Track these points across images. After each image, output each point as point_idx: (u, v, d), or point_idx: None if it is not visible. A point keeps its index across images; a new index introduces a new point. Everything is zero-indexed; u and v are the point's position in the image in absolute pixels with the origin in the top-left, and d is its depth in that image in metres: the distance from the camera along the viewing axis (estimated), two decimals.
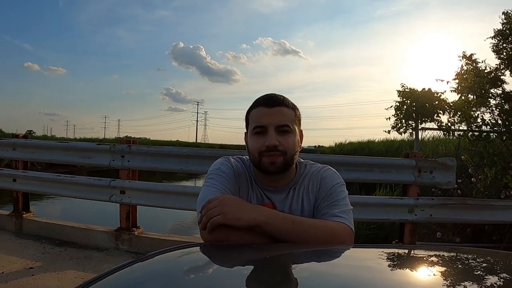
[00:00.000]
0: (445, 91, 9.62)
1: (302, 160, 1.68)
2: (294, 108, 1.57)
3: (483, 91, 6.94)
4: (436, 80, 8.26)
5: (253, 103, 1.58)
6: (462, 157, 6.53)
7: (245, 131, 1.63)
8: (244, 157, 1.68)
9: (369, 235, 5.70)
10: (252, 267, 1.17)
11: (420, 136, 11.63)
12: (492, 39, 7.21)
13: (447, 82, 7.85)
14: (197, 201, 1.50)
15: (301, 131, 1.61)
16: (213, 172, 1.57)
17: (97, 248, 4.70)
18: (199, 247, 1.35)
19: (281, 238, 1.35)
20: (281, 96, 1.57)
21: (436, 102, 11.63)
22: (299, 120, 1.59)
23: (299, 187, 1.59)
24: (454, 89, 7.71)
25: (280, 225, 1.35)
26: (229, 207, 1.33)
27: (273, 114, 1.50)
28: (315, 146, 52.94)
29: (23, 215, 5.26)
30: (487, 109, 7.03)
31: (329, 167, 1.67)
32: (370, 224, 5.73)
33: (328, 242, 1.40)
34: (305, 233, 1.37)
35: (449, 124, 7.88)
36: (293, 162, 1.56)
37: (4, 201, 8.95)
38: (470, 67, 7.46)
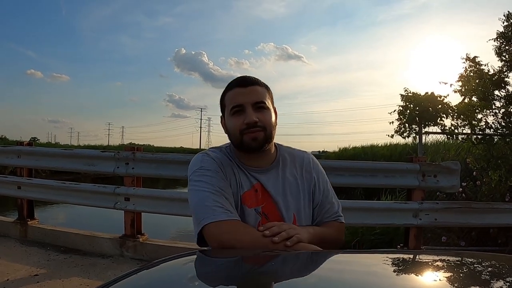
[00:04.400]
0: (448, 95, 9.62)
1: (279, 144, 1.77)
2: (266, 87, 1.64)
3: (486, 94, 6.93)
4: (440, 83, 8.28)
5: (227, 86, 1.64)
6: (467, 160, 6.52)
7: (220, 115, 1.69)
8: (220, 146, 1.72)
9: (373, 240, 5.69)
10: (258, 273, 1.17)
11: (423, 140, 11.62)
12: (494, 41, 7.21)
13: (451, 84, 7.86)
14: (190, 205, 1.54)
15: (275, 109, 1.66)
16: (198, 173, 1.57)
17: (102, 255, 4.70)
18: (204, 254, 1.35)
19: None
20: (253, 76, 1.63)
21: (439, 106, 11.62)
22: (272, 98, 1.65)
23: (283, 165, 1.66)
24: (457, 90, 7.71)
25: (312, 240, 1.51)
26: (297, 230, 1.48)
27: (248, 93, 1.56)
28: (319, 151, 52.85)
29: (28, 222, 5.26)
30: (490, 112, 7.02)
31: (307, 152, 1.82)
32: (374, 229, 5.71)
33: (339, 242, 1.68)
34: (326, 241, 1.57)
35: (452, 127, 7.87)
36: (273, 137, 1.61)
37: (8, 208, 8.97)
38: (473, 70, 7.46)
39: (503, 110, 6.88)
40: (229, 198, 1.52)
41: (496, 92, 7.09)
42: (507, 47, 7.09)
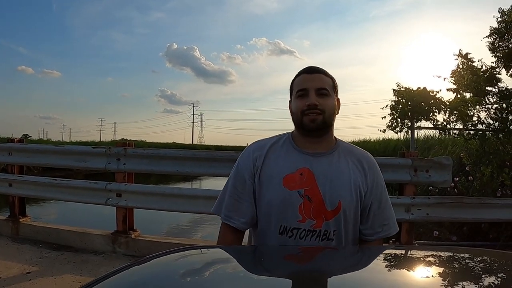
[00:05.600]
0: (440, 90, 9.65)
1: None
2: (332, 78, 1.74)
3: (479, 90, 6.98)
4: (433, 76, 8.34)
5: (297, 73, 1.76)
6: (461, 154, 6.55)
7: (289, 99, 1.80)
8: (286, 132, 1.83)
9: None
10: (249, 269, 1.17)
11: (416, 135, 11.65)
12: (488, 37, 7.25)
13: (444, 78, 7.92)
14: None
15: (338, 99, 1.76)
16: (235, 165, 1.80)
17: (94, 251, 4.69)
18: (196, 250, 1.35)
19: None
20: (321, 67, 1.75)
21: (432, 101, 11.63)
22: (336, 89, 1.75)
23: (339, 154, 1.72)
24: (450, 88, 7.77)
25: None
26: None
27: (313, 79, 1.68)
28: None
29: (20, 220, 5.23)
30: (482, 107, 7.07)
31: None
32: None
33: None
34: None
35: (444, 123, 7.92)
36: (332, 123, 1.71)
37: (0, 206, 8.92)
38: (466, 66, 7.51)
39: (495, 106, 6.93)
40: (237, 198, 1.72)
41: (488, 88, 7.14)
42: (500, 43, 7.13)
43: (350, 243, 1.66)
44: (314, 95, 1.64)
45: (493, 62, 7.25)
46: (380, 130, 13.71)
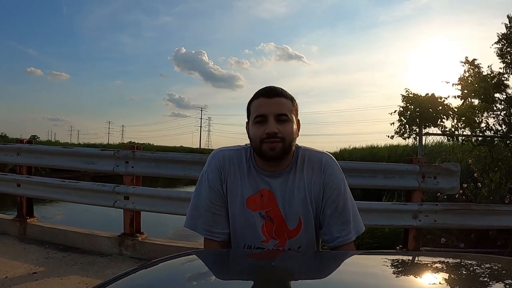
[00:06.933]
0: (448, 96, 9.60)
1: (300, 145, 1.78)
2: (291, 99, 1.67)
3: (488, 96, 6.95)
4: (442, 82, 8.31)
5: (254, 94, 1.68)
6: (469, 161, 6.52)
7: (247, 120, 1.72)
8: (245, 144, 1.77)
9: (373, 244, 5.65)
10: (257, 273, 1.17)
11: (424, 142, 11.60)
12: (496, 43, 7.22)
13: (453, 84, 7.89)
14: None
15: (298, 121, 1.70)
16: (202, 177, 1.74)
17: (101, 253, 4.69)
18: (203, 254, 1.35)
19: None
20: (280, 88, 1.67)
21: (440, 108, 11.57)
22: (296, 110, 1.69)
23: (296, 169, 1.69)
24: (458, 95, 7.74)
25: None
26: None
27: (272, 104, 1.60)
28: None
29: (27, 220, 5.25)
30: (490, 114, 7.04)
31: (328, 153, 1.78)
32: (375, 233, 5.66)
33: None
34: None
35: (453, 129, 7.88)
36: (292, 148, 1.64)
37: (8, 206, 8.96)
38: (472, 72, 7.48)
39: (504, 112, 6.89)
40: (215, 211, 1.69)
41: (497, 95, 7.11)
42: (508, 49, 7.09)
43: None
44: (273, 121, 1.58)
45: (501, 68, 7.22)
46: (388, 136, 13.66)
